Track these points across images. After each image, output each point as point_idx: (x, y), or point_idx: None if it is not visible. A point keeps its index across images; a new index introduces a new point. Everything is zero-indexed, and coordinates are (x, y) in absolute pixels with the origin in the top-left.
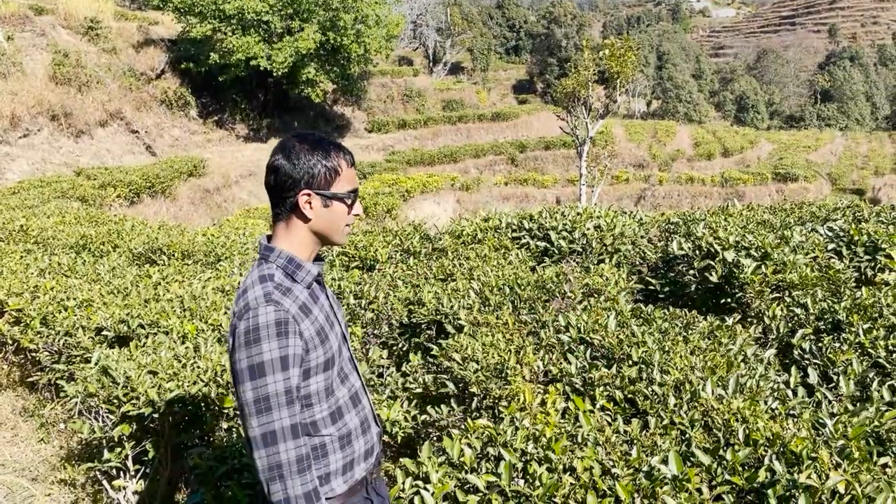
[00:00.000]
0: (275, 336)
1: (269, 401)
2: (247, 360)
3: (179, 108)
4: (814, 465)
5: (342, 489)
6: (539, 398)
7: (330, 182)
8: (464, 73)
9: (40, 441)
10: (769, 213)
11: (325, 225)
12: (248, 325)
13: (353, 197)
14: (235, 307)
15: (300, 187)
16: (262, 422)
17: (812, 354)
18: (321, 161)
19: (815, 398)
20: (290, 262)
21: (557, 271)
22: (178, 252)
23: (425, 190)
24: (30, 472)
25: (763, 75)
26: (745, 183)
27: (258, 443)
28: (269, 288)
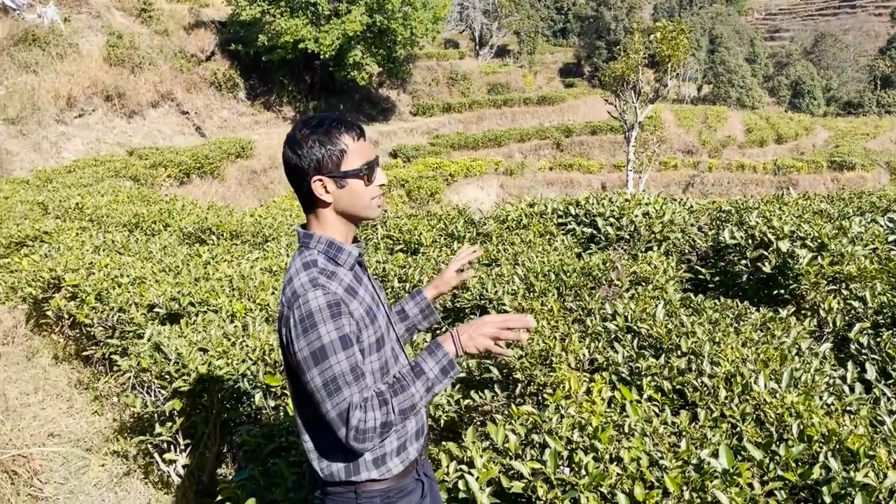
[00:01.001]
0: (329, 318)
1: (336, 381)
2: (308, 348)
3: (228, 89)
4: (871, 464)
5: (398, 469)
6: (584, 386)
7: (338, 162)
8: (510, 56)
9: (94, 413)
10: (826, 202)
11: (347, 204)
12: (302, 313)
13: (367, 169)
14: (283, 297)
15: (310, 175)
16: (336, 402)
17: (870, 349)
18: (324, 145)
19: (873, 395)
20: (331, 246)
21: (604, 258)
22: (226, 232)
23: (469, 174)
24: (84, 442)
25: (820, 60)
26: (799, 171)
27: (337, 423)
28: (314, 273)
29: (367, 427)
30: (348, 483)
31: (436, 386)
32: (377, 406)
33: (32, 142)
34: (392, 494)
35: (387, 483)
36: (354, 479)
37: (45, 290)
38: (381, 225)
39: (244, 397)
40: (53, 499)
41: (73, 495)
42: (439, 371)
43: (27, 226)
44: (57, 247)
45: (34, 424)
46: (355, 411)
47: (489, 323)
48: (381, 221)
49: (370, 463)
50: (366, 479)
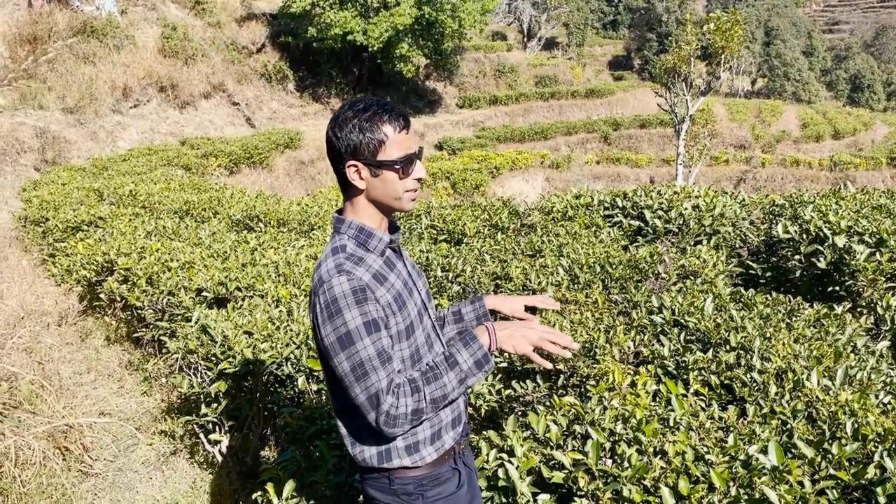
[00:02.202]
0: (354, 304)
1: (363, 366)
2: (334, 334)
3: (278, 81)
4: None
5: (432, 458)
6: (629, 379)
7: (375, 151)
8: (558, 48)
9: (143, 393)
10: (886, 197)
11: (380, 194)
12: (327, 299)
13: (404, 162)
14: (312, 282)
15: (346, 158)
16: (364, 387)
17: None
18: (364, 131)
19: None
20: (361, 232)
21: (651, 251)
22: (273, 220)
23: (514, 167)
24: (133, 421)
25: (881, 53)
26: (857, 167)
27: (367, 408)
28: (341, 259)
29: (399, 413)
30: (382, 469)
31: (469, 378)
32: (409, 393)
33: (89, 131)
34: (426, 482)
35: (420, 471)
36: (387, 465)
37: (99, 273)
38: (425, 215)
39: (287, 380)
40: (103, 475)
41: (122, 472)
42: (473, 364)
43: (83, 211)
44: (111, 232)
45: (86, 403)
46: (386, 396)
47: (535, 329)
48: (426, 211)
49: (402, 450)
50: (398, 466)
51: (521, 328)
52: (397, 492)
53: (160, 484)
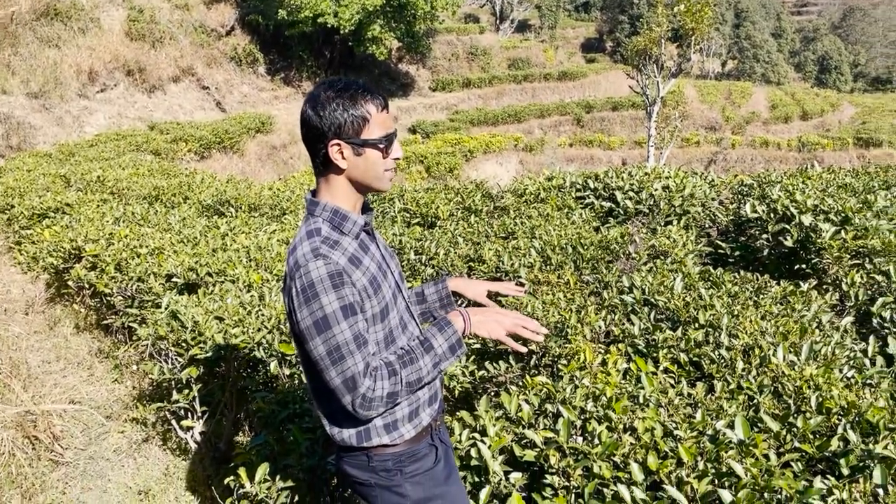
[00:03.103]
0: (331, 288)
1: (340, 350)
2: (310, 318)
3: (248, 64)
4: (891, 437)
5: (410, 435)
6: (600, 358)
7: (359, 129)
8: (531, 30)
9: (114, 381)
10: (851, 176)
11: (361, 173)
12: (304, 283)
13: (386, 141)
14: (286, 266)
15: (329, 138)
16: (340, 370)
17: (892, 323)
18: (347, 109)
19: (895, 369)
20: (336, 215)
21: (622, 232)
22: (244, 205)
23: (488, 150)
24: (104, 409)
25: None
26: (825, 148)
27: (342, 391)
28: (316, 243)
29: (375, 396)
30: (361, 448)
31: (443, 362)
32: (386, 376)
33: (55, 116)
34: (404, 458)
35: (398, 447)
36: (366, 444)
37: (66, 260)
38: (398, 198)
39: (259, 365)
40: (74, 464)
41: (93, 460)
42: (447, 348)
43: (49, 198)
44: (78, 218)
45: (55, 391)
46: (363, 379)
47: (510, 315)
48: (399, 195)
49: (381, 429)
50: (377, 444)
51: (494, 314)
52: (376, 469)
53: (132, 471)
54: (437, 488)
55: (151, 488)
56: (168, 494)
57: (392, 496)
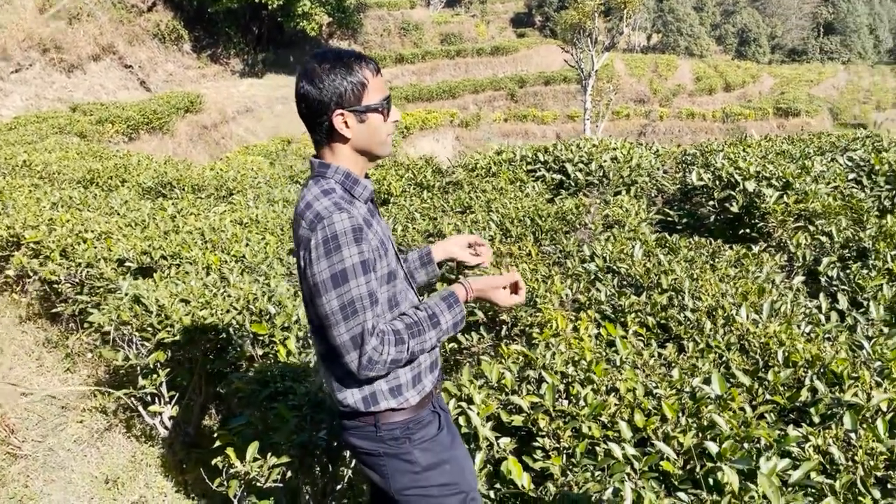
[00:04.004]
0: (353, 242)
1: (354, 304)
2: (329, 270)
3: (172, 41)
4: (856, 385)
5: (415, 400)
6: (571, 325)
7: (359, 96)
8: (461, 5)
9: (67, 371)
10: (788, 143)
11: (366, 140)
12: (327, 234)
13: (386, 104)
14: (304, 220)
15: (332, 108)
16: (351, 325)
17: (840, 281)
18: (346, 77)
19: (848, 322)
20: (348, 178)
21: (577, 203)
22: (187, 186)
23: (424, 127)
24: (59, 400)
25: (765, 7)
26: (747, 118)
27: (348, 347)
28: (336, 198)
29: (380, 359)
30: (368, 415)
31: (445, 336)
32: (393, 342)
33: None
34: (411, 426)
35: (405, 414)
36: (374, 409)
37: (3, 248)
38: None
39: (229, 347)
40: (33, 456)
41: (53, 452)
42: (452, 325)
43: None
44: (11, 204)
45: (3, 385)
46: (371, 338)
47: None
48: None
49: (387, 392)
50: (385, 408)
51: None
52: (384, 438)
53: (97, 460)
54: (445, 453)
55: (119, 476)
56: (137, 481)
57: (402, 464)
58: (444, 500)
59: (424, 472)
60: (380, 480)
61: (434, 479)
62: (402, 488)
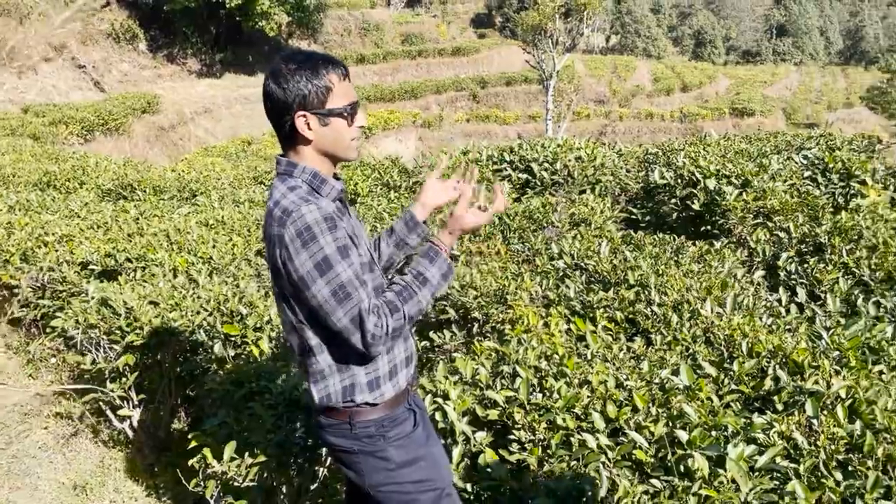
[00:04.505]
0: (328, 230)
1: (345, 288)
2: (311, 260)
3: (127, 41)
4: (816, 373)
5: (390, 394)
6: (542, 321)
7: (323, 100)
8: (421, 5)
9: (29, 377)
10: (745, 142)
11: (329, 143)
12: (299, 227)
13: (351, 110)
14: (271, 219)
15: (294, 110)
16: (347, 308)
17: (798, 275)
18: (311, 80)
19: (807, 314)
20: (315, 178)
21: (544, 202)
22: (149, 188)
23: (387, 127)
24: (21, 407)
25: (720, 10)
26: (704, 118)
27: (351, 329)
28: (302, 193)
29: (382, 332)
30: (343, 412)
31: (438, 290)
32: (388, 313)
33: None
34: (385, 423)
35: (379, 411)
36: (350, 403)
37: None
38: None
39: (200, 349)
40: None
41: (18, 459)
42: (440, 276)
43: None
44: None
45: None
46: (369, 316)
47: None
48: None
49: (364, 386)
50: (361, 401)
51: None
52: (359, 436)
53: (63, 466)
54: (420, 450)
55: (87, 482)
56: (107, 486)
57: (377, 461)
58: (418, 496)
59: (399, 469)
60: (355, 477)
61: (409, 476)
62: (377, 485)
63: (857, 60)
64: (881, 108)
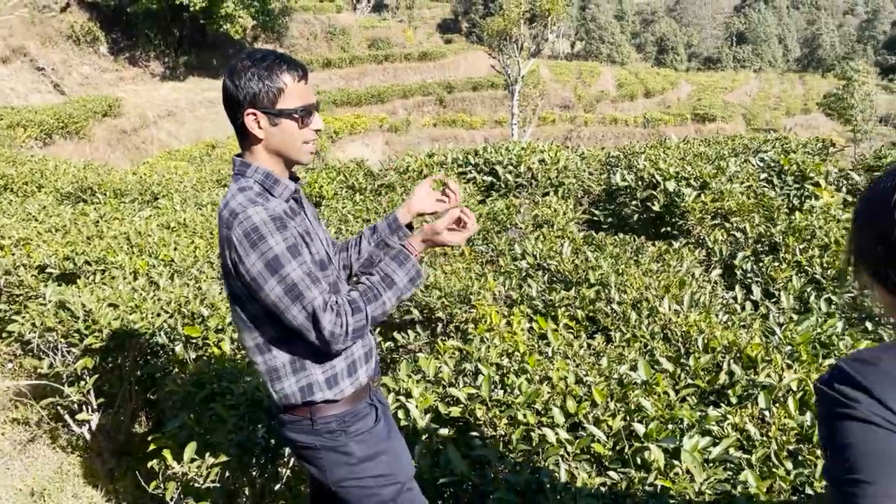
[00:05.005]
0: (276, 230)
1: (298, 286)
2: (261, 261)
3: (88, 43)
4: (769, 368)
5: (350, 391)
6: (504, 320)
7: (274, 100)
8: (388, 10)
9: None
10: (704, 145)
11: (278, 143)
12: (246, 228)
13: (303, 112)
14: (221, 220)
15: (244, 107)
16: (302, 306)
17: (754, 273)
18: (263, 79)
19: (761, 311)
20: (268, 178)
21: (508, 203)
22: (109, 191)
23: (353, 131)
24: None
25: (682, 17)
26: (667, 123)
27: (307, 327)
28: (251, 195)
29: (342, 331)
30: (304, 408)
31: (404, 294)
32: (350, 312)
33: None
34: (347, 419)
35: (340, 407)
36: (310, 400)
37: None
38: None
39: (161, 351)
40: None
41: None
42: (408, 281)
43: None
44: None
45: None
46: (325, 313)
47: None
48: None
49: (323, 383)
50: (321, 399)
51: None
52: (320, 431)
53: (21, 473)
54: (381, 444)
55: (46, 488)
56: (65, 492)
57: (338, 456)
58: (380, 490)
59: (360, 464)
60: (318, 473)
61: (370, 471)
62: (339, 480)
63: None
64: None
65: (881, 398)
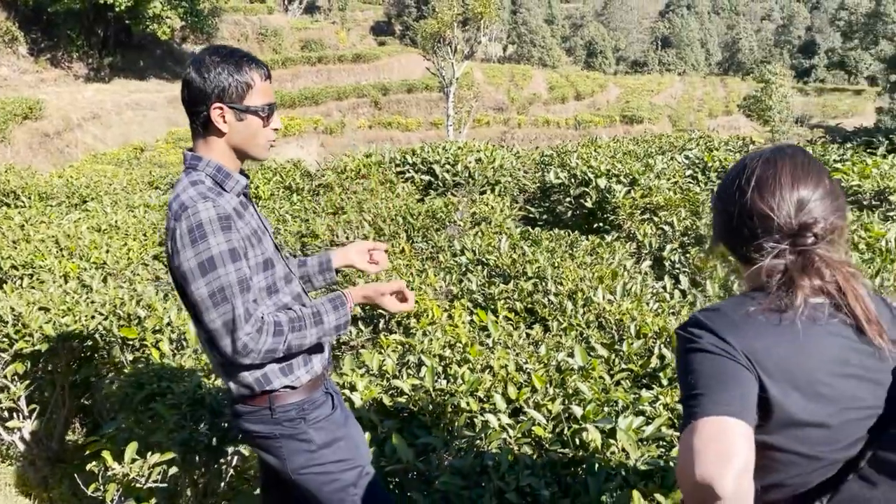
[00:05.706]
0: (220, 230)
1: (224, 292)
2: (195, 258)
3: (6, 44)
4: None
5: (306, 379)
6: (446, 314)
7: (242, 95)
8: (320, 12)
9: None
10: (633, 144)
11: (241, 139)
12: (191, 223)
13: (268, 110)
14: (170, 212)
15: (212, 101)
16: (221, 312)
17: (681, 264)
18: (232, 74)
19: (689, 299)
20: (220, 171)
21: (446, 202)
22: (34, 194)
23: (287, 133)
24: None
25: (610, 22)
26: (597, 125)
27: (221, 333)
28: (203, 189)
29: (256, 347)
30: (262, 397)
31: (325, 336)
32: (272, 333)
33: None
34: (306, 407)
35: (299, 395)
36: (268, 388)
37: None
38: None
39: (96, 355)
40: None
41: None
42: (334, 326)
43: None
44: None
45: None
46: (244, 324)
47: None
48: None
49: (278, 371)
50: (279, 386)
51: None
52: (279, 419)
53: None
54: (339, 430)
55: None
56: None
57: (298, 444)
58: (340, 475)
59: (320, 451)
60: (276, 462)
61: (329, 457)
62: (299, 468)
63: (735, 71)
64: (756, 116)
65: (719, 332)
